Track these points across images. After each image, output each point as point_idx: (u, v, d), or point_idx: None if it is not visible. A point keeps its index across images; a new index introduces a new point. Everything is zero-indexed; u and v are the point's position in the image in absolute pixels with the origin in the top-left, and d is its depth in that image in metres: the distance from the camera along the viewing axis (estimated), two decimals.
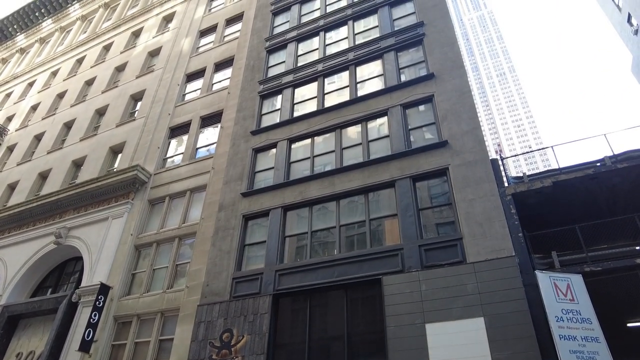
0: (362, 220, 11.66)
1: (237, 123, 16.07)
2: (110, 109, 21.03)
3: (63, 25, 31.17)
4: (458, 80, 12.77)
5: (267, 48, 18.17)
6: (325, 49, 16.70)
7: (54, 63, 28.13)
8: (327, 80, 15.67)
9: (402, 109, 13.14)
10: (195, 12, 22.94)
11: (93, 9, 29.99)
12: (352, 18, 16.89)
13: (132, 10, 27.30)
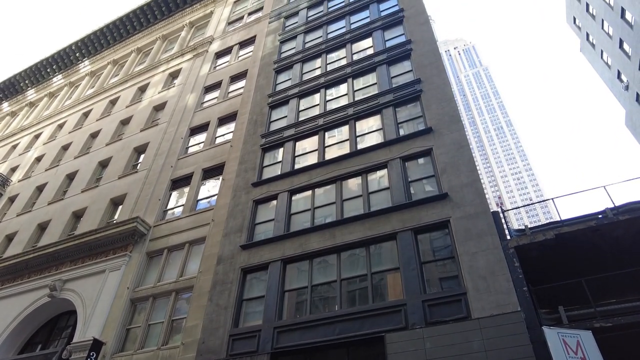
0: (364, 274, 11.43)
1: (238, 175, 16.22)
2: (113, 161, 21.31)
3: (72, 81, 32.39)
4: (456, 134, 13.04)
5: (269, 104, 18.72)
6: (325, 104, 17.20)
7: (61, 116, 28.91)
8: (328, 134, 16.01)
9: (402, 162, 13.31)
10: (200, 69, 23.89)
11: (102, 65, 31.30)
12: (352, 76, 17.55)
13: (139, 67, 28.48)
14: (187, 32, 28.21)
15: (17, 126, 31.81)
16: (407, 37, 17.35)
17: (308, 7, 23.32)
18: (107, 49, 31.94)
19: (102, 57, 31.72)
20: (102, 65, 31.29)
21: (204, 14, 28.51)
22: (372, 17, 19.59)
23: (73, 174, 22.51)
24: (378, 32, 18.52)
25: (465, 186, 11.71)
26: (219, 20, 27.08)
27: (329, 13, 21.61)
